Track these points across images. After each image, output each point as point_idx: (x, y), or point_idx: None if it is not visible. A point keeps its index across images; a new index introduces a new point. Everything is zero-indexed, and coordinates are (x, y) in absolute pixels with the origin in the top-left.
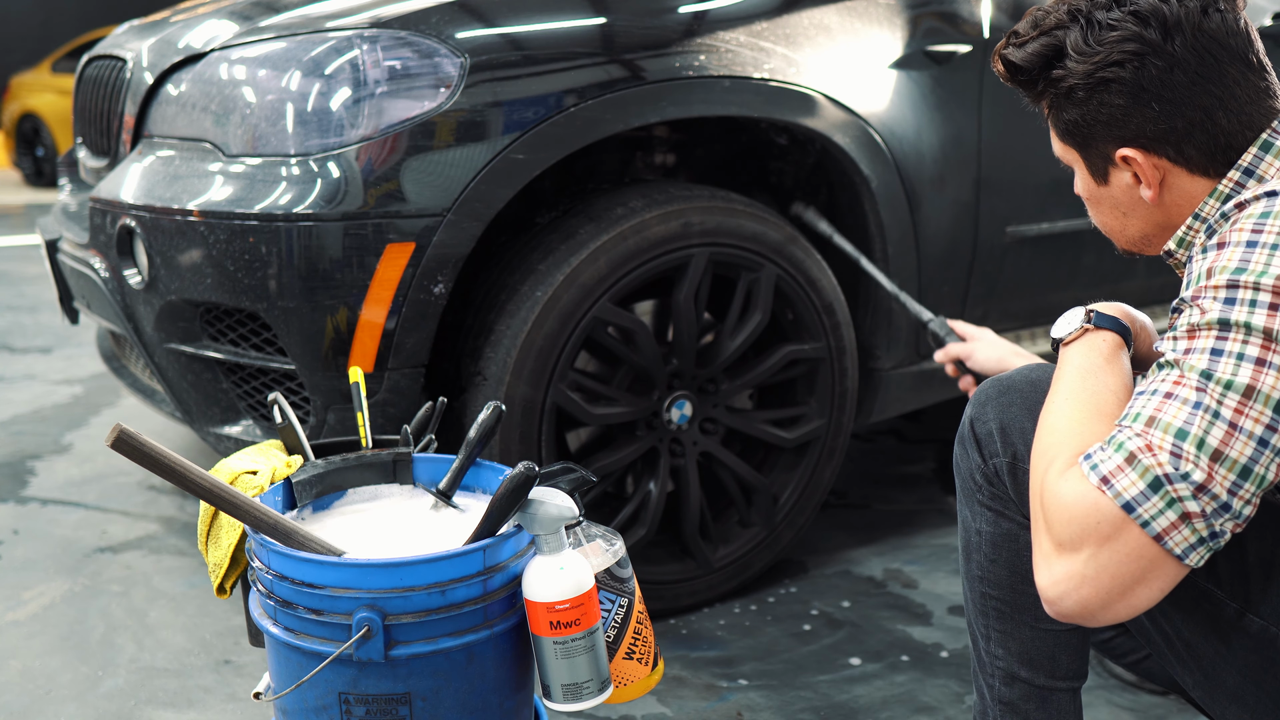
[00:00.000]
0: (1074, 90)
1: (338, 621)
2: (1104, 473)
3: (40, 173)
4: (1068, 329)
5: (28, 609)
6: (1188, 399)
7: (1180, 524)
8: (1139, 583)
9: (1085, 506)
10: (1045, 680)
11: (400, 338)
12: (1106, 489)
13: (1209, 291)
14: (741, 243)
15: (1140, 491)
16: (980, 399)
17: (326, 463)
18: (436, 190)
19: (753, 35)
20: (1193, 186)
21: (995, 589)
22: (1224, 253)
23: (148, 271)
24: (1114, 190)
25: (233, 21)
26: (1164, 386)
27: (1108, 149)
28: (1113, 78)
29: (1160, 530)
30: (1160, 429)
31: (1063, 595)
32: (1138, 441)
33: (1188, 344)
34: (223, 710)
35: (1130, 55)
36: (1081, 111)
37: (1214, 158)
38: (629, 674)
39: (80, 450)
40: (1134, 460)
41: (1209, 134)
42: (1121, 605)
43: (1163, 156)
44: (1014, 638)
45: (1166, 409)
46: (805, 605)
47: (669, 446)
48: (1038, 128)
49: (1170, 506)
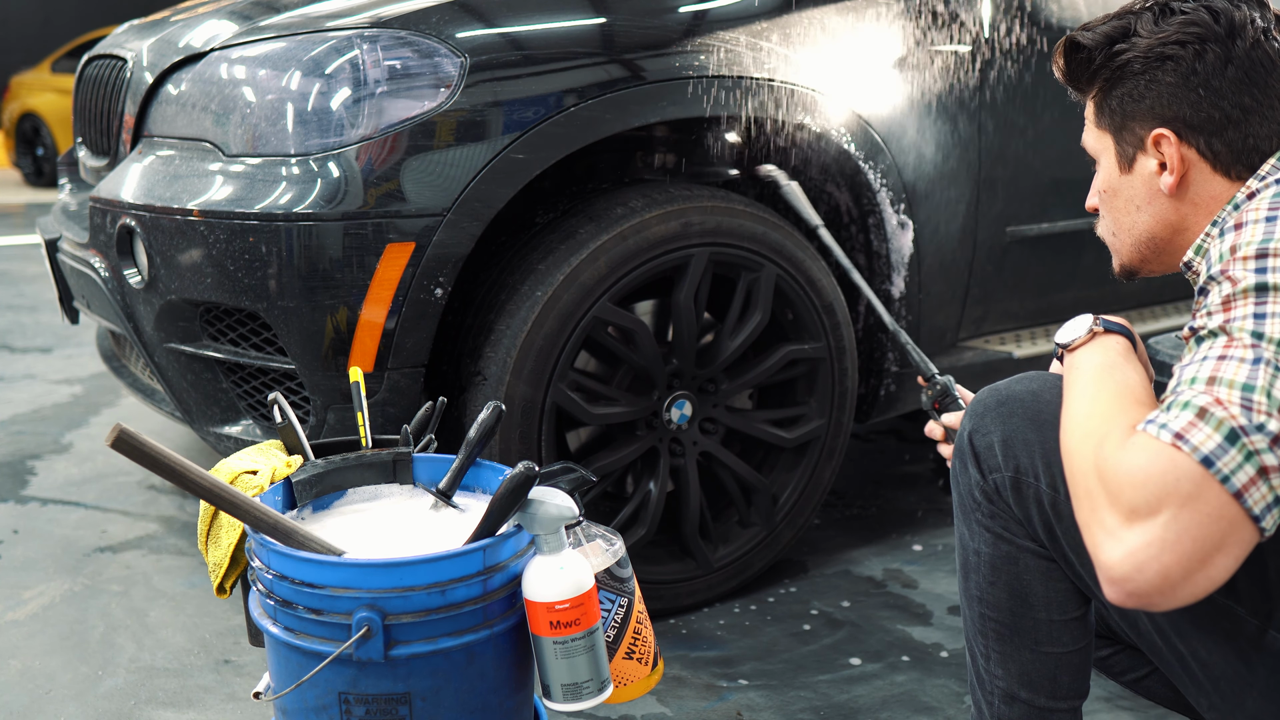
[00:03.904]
0: (1131, 64)
1: (337, 621)
2: (1176, 429)
3: (40, 172)
4: (1075, 334)
5: (28, 609)
6: (1245, 357)
7: (1259, 479)
8: (1218, 549)
9: (1162, 465)
10: (1046, 701)
11: (400, 337)
12: (1182, 444)
13: (1238, 264)
14: (741, 243)
15: (1218, 444)
16: (978, 410)
17: (326, 463)
18: (436, 190)
19: (753, 35)
20: (1212, 186)
21: (994, 610)
22: (1244, 231)
23: (148, 271)
24: (1135, 180)
25: (233, 21)
26: (1215, 351)
27: (1143, 129)
28: (1171, 55)
29: (1240, 486)
30: (1224, 385)
31: (1140, 567)
32: (1205, 398)
33: (1225, 314)
34: (223, 710)
35: (1193, 38)
36: (1132, 86)
37: (1239, 158)
38: (629, 674)
39: (80, 450)
40: (1206, 414)
41: (1242, 133)
42: (1201, 576)
43: (1192, 146)
44: (1014, 659)
45: (1225, 368)
46: (805, 605)
47: (669, 446)
48: (1038, 128)
49: (1249, 460)
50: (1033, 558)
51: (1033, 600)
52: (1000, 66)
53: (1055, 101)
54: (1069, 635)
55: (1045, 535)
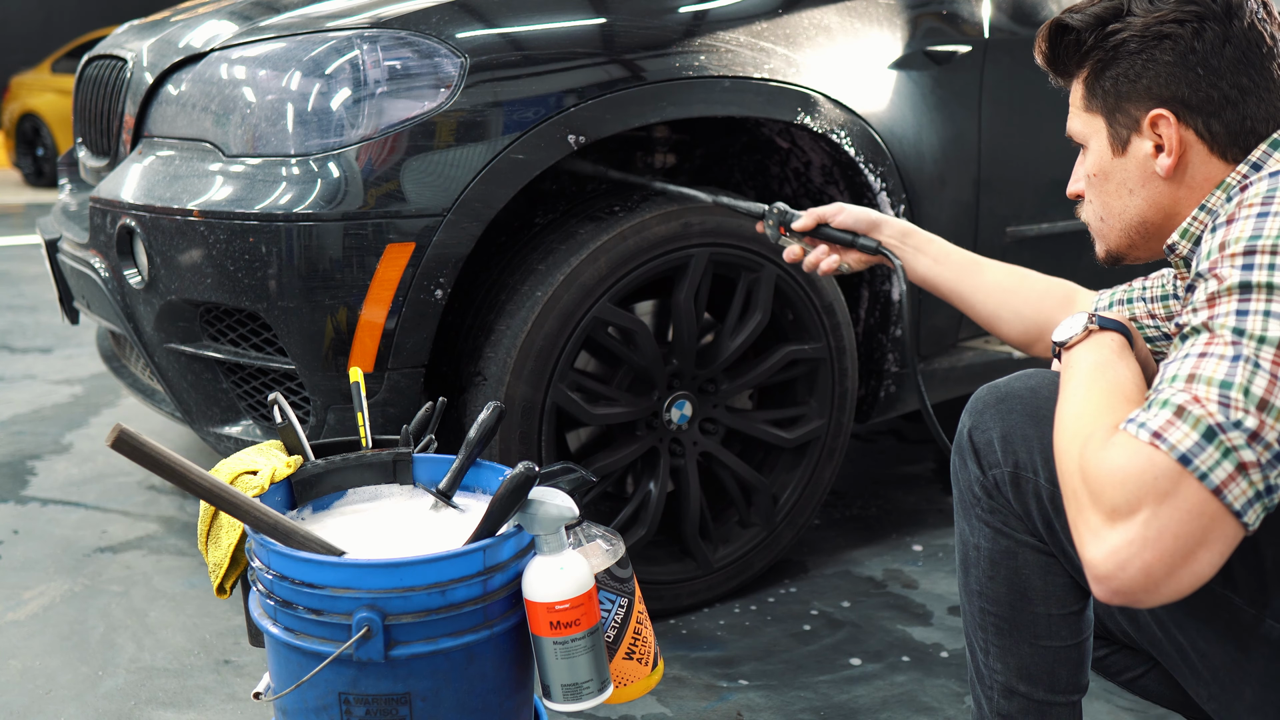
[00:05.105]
0: (1126, 43)
1: (338, 621)
2: (1154, 428)
3: (40, 173)
4: (1071, 332)
5: (28, 609)
6: (1224, 354)
7: (1238, 475)
8: (1200, 545)
9: (1140, 464)
10: (1044, 695)
11: (400, 338)
12: (1160, 443)
13: (1226, 261)
14: (741, 243)
15: (1195, 442)
16: (977, 407)
17: (326, 463)
18: (436, 190)
19: (753, 35)
20: (1207, 169)
21: (994, 605)
22: (1235, 226)
23: (148, 271)
24: (1129, 162)
25: (233, 21)
26: (1195, 349)
27: (1139, 110)
28: (1169, 34)
29: (1219, 482)
30: (1203, 383)
31: (1122, 565)
32: (1183, 396)
33: (1209, 311)
34: (222, 710)
35: (1191, 16)
36: (1127, 66)
37: (1235, 140)
38: (629, 674)
39: (80, 450)
40: (1183, 413)
41: (1239, 114)
42: (1185, 572)
43: (1190, 128)
44: (1013, 653)
45: (1205, 365)
46: (805, 605)
47: (669, 447)
48: (1038, 128)
49: (1226, 457)
50: (1031, 552)
51: (1031, 595)
52: (1000, 66)
53: (1055, 101)
54: (1067, 629)
55: (1044, 530)
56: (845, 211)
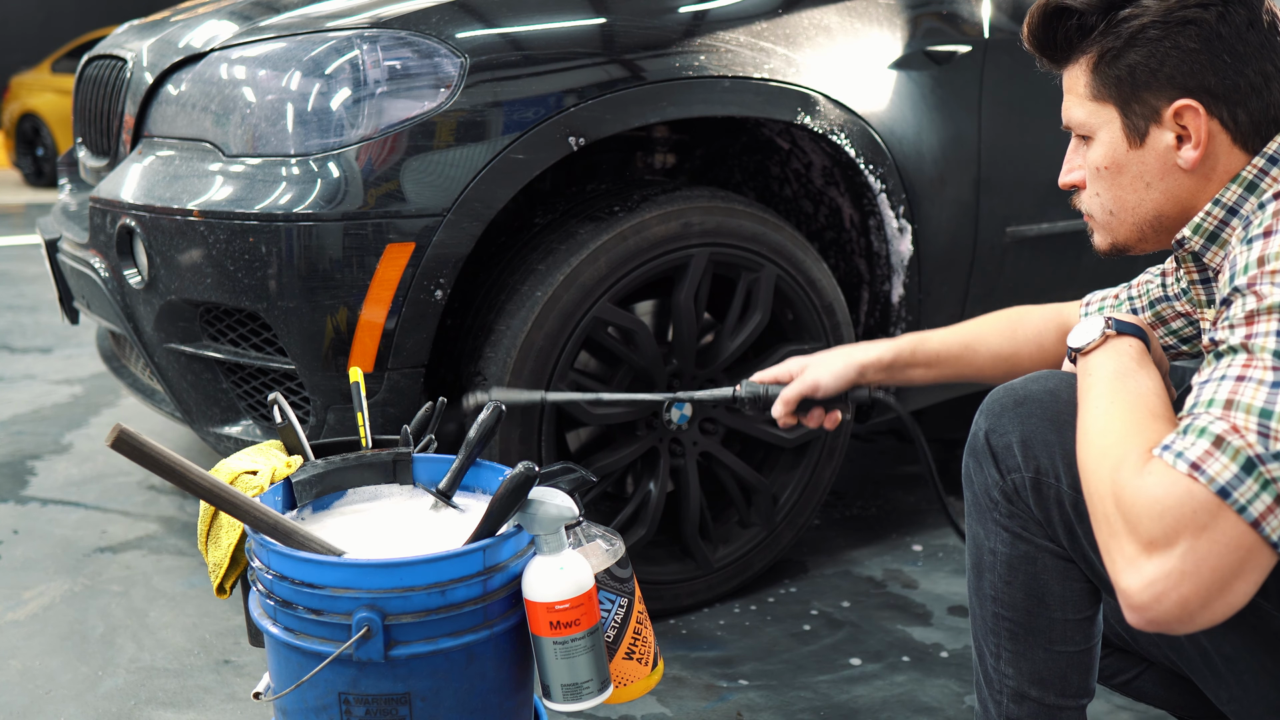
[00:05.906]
0: (1145, 29)
1: (337, 621)
2: (1192, 459)
3: (40, 173)
4: (1088, 338)
5: (28, 609)
6: (1264, 379)
7: (1276, 507)
8: (1237, 576)
9: (1178, 495)
10: (1055, 699)
11: (400, 338)
12: (1198, 475)
13: (1266, 278)
14: (741, 243)
15: (1234, 475)
16: (994, 409)
17: (326, 463)
18: (436, 190)
19: (753, 35)
20: (1229, 161)
21: (1009, 610)
22: (1273, 240)
23: (148, 271)
24: (1147, 154)
25: (233, 21)
26: (1233, 371)
27: (1161, 101)
28: (1194, 18)
29: (1258, 515)
30: (1242, 410)
31: (1159, 596)
32: (1222, 425)
33: (1248, 330)
34: (222, 710)
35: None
36: (1148, 53)
37: (1258, 129)
38: (629, 674)
39: (80, 450)
40: (1222, 443)
41: (1264, 101)
42: (1220, 603)
43: (1215, 117)
44: (1026, 658)
45: (1243, 391)
46: (805, 605)
47: (669, 447)
48: (1038, 128)
49: (1265, 489)
50: (1051, 557)
51: (1049, 600)
52: (1000, 66)
53: (1055, 101)
54: (1081, 634)
55: (1065, 536)
56: (821, 384)
